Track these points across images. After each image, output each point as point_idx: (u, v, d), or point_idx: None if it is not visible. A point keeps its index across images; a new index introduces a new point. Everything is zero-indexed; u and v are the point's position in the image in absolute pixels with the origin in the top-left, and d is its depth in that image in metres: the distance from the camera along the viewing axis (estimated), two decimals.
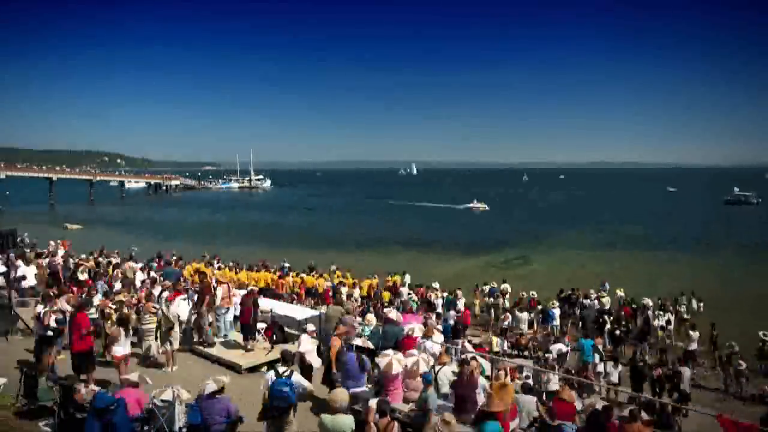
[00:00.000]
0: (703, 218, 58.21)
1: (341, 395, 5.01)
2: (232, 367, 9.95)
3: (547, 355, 11.66)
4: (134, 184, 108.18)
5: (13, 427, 6.65)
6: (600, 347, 12.34)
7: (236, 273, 19.19)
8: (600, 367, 11.59)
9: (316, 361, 8.69)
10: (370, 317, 10.46)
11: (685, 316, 16.73)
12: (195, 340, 11.06)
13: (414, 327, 9.43)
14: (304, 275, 19.23)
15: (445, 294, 18.14)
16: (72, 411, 6.38)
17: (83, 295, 11.77)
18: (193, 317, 11.10)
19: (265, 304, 12.00)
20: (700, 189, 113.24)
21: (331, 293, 16.72)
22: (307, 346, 8.79)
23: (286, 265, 21.55)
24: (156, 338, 10.11)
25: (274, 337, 10.85)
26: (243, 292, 11.93)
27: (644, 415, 6.98)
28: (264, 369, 9.31)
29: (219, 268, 19.46)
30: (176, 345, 10.08)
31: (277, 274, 19.61)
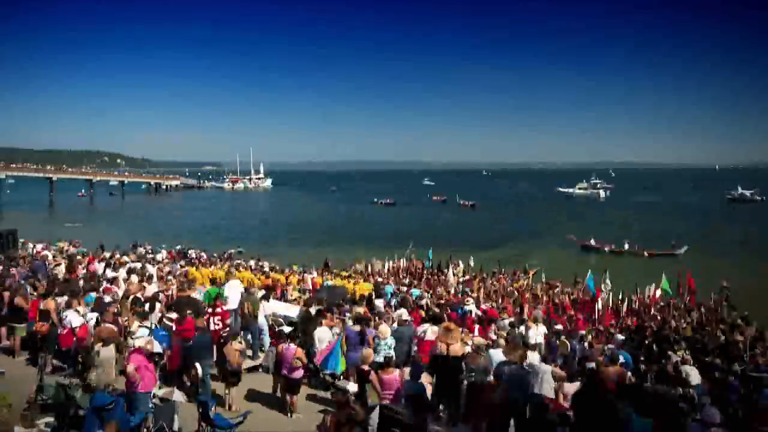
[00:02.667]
0: (709, 215, 58.73)
1: None
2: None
3: None
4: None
5: (14, 426, 6.65)
6: None
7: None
8: None
9: None
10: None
11: None
12: None
13: (427, 329, 8.98)
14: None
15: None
16: (73, 410, 6.42)
17: None
18: None
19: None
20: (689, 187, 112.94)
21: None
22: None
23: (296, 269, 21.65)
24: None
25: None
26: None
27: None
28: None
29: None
30: None
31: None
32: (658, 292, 17.50)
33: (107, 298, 10.24)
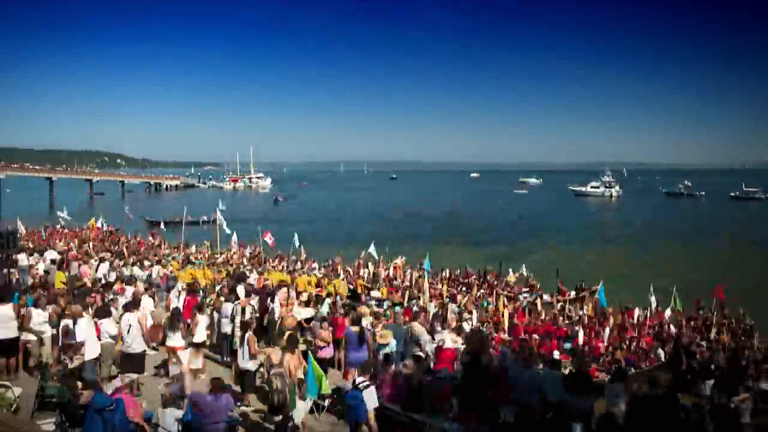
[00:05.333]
0: (711, 214, 59.08)
1: None
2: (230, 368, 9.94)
3: None
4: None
5: (14, 427, 6.66)
6: None
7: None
8: None
9: None
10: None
11: None
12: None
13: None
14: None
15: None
16: (76, 411, 6.41)
17: None
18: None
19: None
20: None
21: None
22: None
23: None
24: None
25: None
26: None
27: None
28: None
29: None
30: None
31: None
32: (668, 312, 15.02)
33: (122, 300, 10.13)
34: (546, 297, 17.05)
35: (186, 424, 6.27)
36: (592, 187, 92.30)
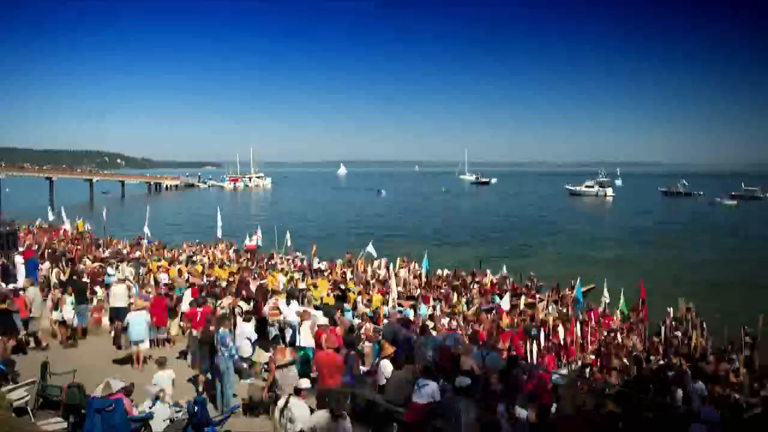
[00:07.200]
0: (711, 213, 59.09)
1: None
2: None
3: None
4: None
5: (14, 426, 6.69)
6: None
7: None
8: None
9: None
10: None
11: None
12: None
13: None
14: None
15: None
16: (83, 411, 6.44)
17: None
18: None
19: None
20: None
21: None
22: None
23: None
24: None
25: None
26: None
27: None
28: None
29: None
30: None
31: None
32: (618, 315, 14.89)
33: None
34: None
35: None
36: (586, 187, 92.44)
